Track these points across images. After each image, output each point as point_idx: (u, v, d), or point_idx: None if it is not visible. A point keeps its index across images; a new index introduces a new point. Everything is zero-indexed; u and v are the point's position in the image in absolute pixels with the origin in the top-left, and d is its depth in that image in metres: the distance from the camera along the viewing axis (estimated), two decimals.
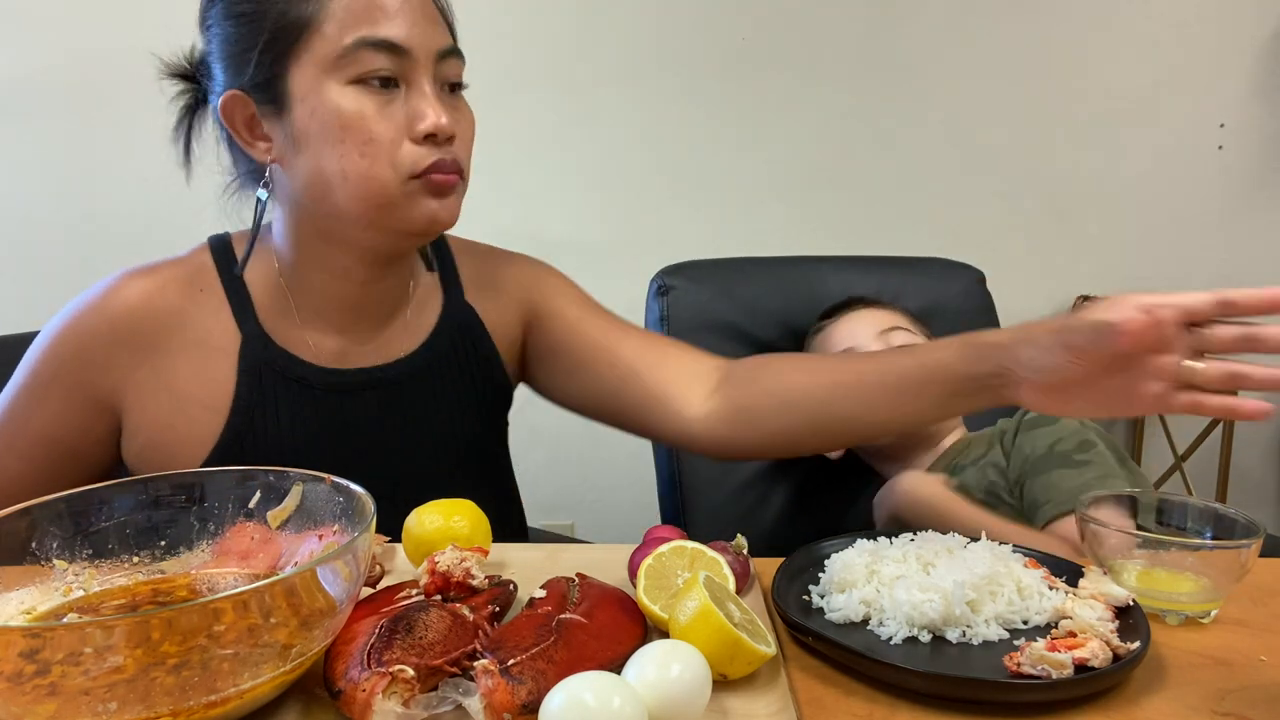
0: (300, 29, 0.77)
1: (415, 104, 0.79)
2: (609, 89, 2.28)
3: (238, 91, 0.80)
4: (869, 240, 2.14)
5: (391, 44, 0.77)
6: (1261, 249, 2.45)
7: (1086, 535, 0.74)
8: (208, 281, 0.89)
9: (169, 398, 0.86)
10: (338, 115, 0.77)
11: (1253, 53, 2.35)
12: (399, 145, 0.78)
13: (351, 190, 0.79)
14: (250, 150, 0.83)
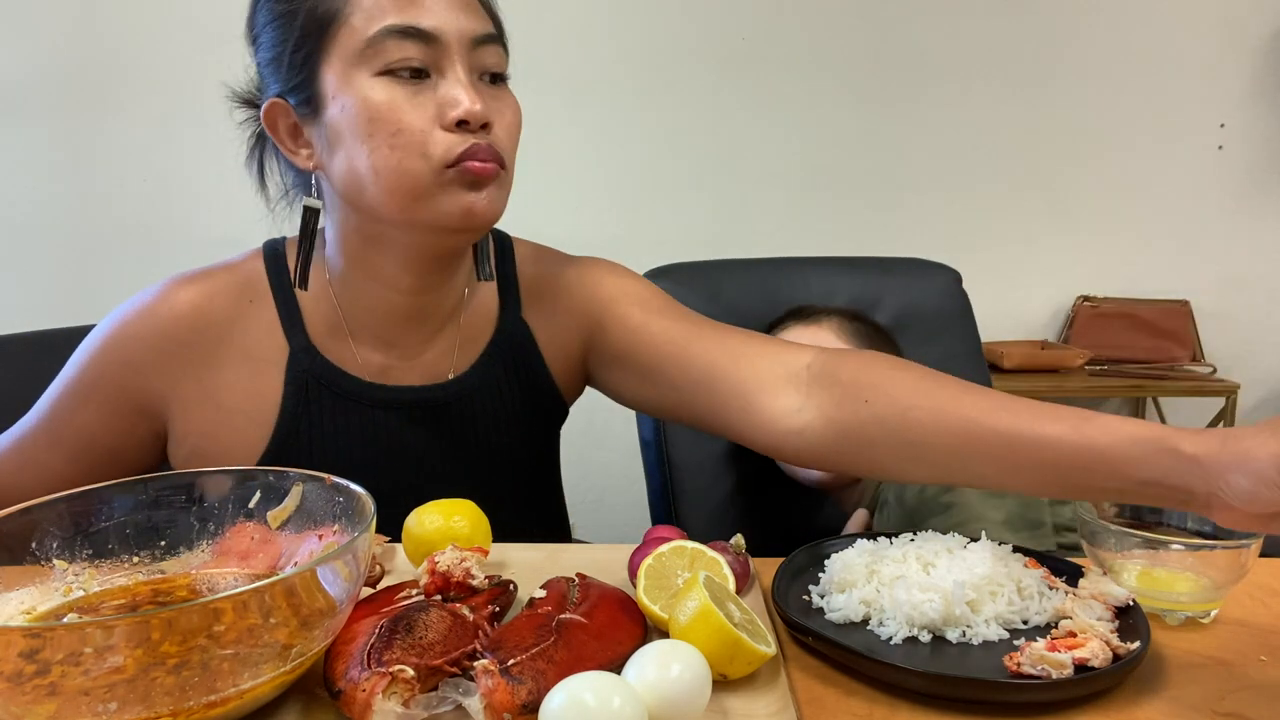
0: (328, 23, 0.75)
1: (447, 91, 0.75)
2: (599, 89, 2.29)
3: (277, 99, 0.79)
4: (866, 242, 2.14)
5: (420, 30, 0.74)
6: (1262, 249, 2.45)
7: (1087, 535, 0.74)
8: (258, 292, 0.87)
9: (214, 408, 0.86)
10: (366, 107, 0.74)
11: (1253, 53, 2.35)
12: (430, 134, 0.75)
13: (384, 185, 0.76)
14: (294, 159, 0.81)
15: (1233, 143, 2.40)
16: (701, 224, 2.30)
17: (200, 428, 0.86)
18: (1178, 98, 2.37)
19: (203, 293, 0.85)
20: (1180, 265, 2.45)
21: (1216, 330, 2.45)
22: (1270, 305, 2.47)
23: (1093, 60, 2.35)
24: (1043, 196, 2.41)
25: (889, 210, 2.37)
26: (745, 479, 1.34)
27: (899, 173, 2.35)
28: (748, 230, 2.33)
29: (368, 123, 0.74)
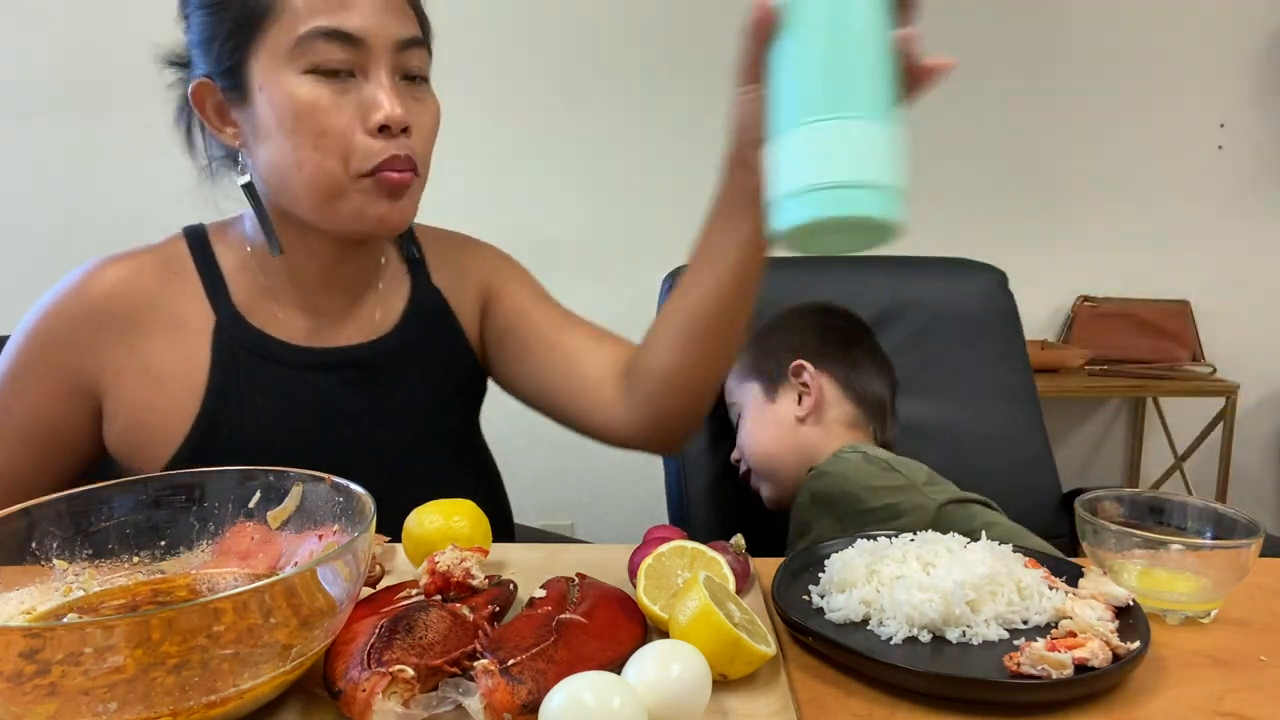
0: (261, 17, 0.77)
1: (370, 94, 0.78)
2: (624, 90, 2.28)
3: (206, 79, 0.82)
4: None
5: (345, 34, 0.76)
6: (1262, 249, 2.45)
7: (1087, 535, 0.74)
8: (182, 265, 0.91)
9: (147, 379, 0.88)
10: (292, 105, 0.77)
11: (1253, 53, 2.35)
12: (352, 137, 0.78)
13: (306, 181, 0.79)
14: (220, 136, 0.85)
15: (1233, 143, 2.40)
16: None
17: (133, 398, 0.88)
18: (1178, 98, 2.37)
19: (129, 268, 0.88)
20: (1180, 265, 2.45)
21: (1216, 330, 2.45)
22: (1270, 305, 2.47)
23: (1093, 60, 2.35)
24: (1042, 196, 2.41)
25: None
26: None
27: None
28: None
29: (293, 119, 0.77)
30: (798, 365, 1.15)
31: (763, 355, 1.20)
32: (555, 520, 2.29)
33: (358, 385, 0.92)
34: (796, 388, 1.16)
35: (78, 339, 0.87)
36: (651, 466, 1.65)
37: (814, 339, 1.19)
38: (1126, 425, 2.57)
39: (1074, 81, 2.35)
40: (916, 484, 1.00)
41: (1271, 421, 2.54)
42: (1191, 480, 2.48)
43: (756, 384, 1.19)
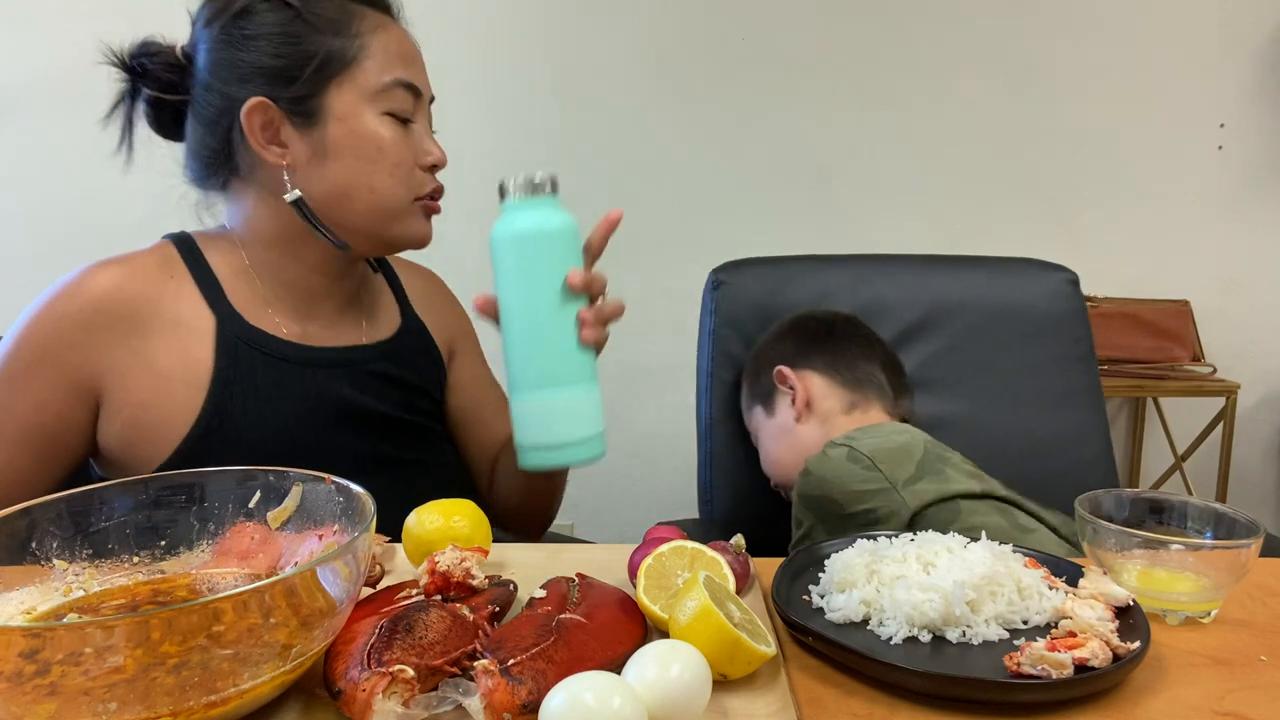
0: (345, 61, 0.89)
1: (423, 139, 0.94)
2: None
3: (267, 100, 0.88)
4: (861, 240, 2.14)
5: (415, 88, 0.93)
6: (1262, 249, 2.45)
7: (1087, 535, 0.74)
8: (176, 269, 0.94)
9: (150, 376, 0.90)
10: (376, 139, 0.90)
11: (1253, 53, 2.35)
12: (413, 170, 0.93)
13: (375, 201, 0.91)
14: (262, 153, 0.90)
15: (1233, 143, 2.40)
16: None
17: (137, 397, 0.90)
18: (1178, 98, 2.37)
19: (123, 271, 0.92)
20: (1180, 265, 2.45)
21: (1216, 330, 2.45)
22: (1270, 305, 2.47)
23: (1092, 60, 2.35)
24: (1042, 196, 2.41)
25: (884, 211, 2.37)
26: None
27: (896, 172, 2.36)
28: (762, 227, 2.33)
29: (375, 150, 0.90)
30: (779, 372, 1.21)
31: (755, 378, 1.27)
32: (555, 520, 2.30)
33: (351, 382, 0.99)
34: (786, 393, 1.20)
35: (79, 339, 0.88)
36: (651, 467, 1.66)
37: (790, 345, 1.24)
38: (1126, 425, 2.57)
39: (1074, 81, 2.35)
40: (896, 484, 1.01)
41: (1271, 421, 2.54)
42: (1191, 480, 2.48)
43: (759, 406, 1.25)
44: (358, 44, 0.90)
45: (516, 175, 0.78)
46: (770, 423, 1.23)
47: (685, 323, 1.51)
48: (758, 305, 1.39)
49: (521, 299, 0.78)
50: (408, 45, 0.94)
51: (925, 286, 1.40)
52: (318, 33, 0.89)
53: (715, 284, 1.41)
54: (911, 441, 1.07)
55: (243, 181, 0.94)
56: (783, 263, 1.45)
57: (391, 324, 1.07)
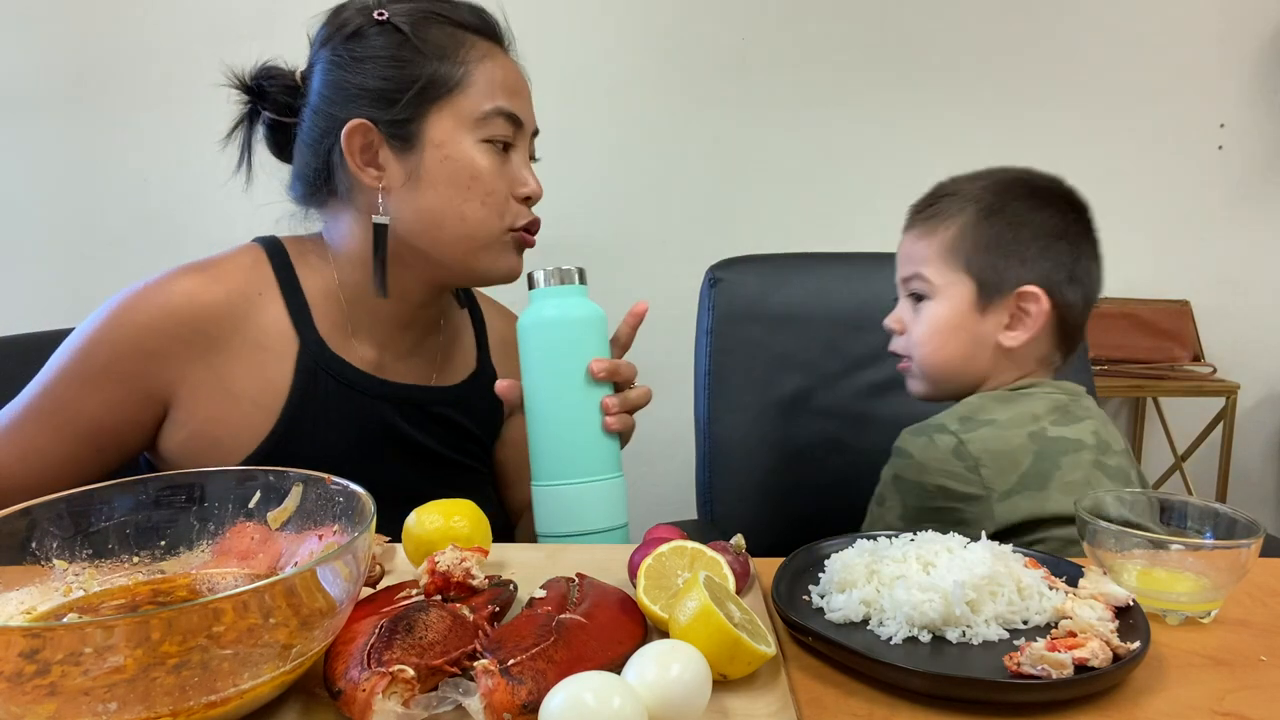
0: (449, 87, 0.89)
1: (520, 170, 0.93)
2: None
3: (368, 122, 0.89)
4: (856, 240, 2.14)
5: (516, 117, 0.92)
6: (1262, 249, 2.45)
7: (1087, 535, 0.74)
8: (265, 284, 0.93)
9: (223, 395, 0.90)
10: (471, 166, 0.90)
11: (1253, 53, 2.35)
12: (507, 200, 0.92)
13: (465, 230, 0.91)
14: (359, 175, 0.90)
15: (1233, 143, 2.39)
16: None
17: (208, 413, 0.90)
18: (1178, 98, 2.37)
19: (212, 282, 0.90)
20: (1180, 265, 2.45)
21: (1216, 330, 2.44)
22: (1270, 305, 2.47)
23: (1092, 60, 2.35)
24: None
25: (883, 210, 2.37)
26: (788, 458, 1.39)
27: (896, 172, 2.35)
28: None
29: (470, 178, 0.90)
30: (1030, 295, 0.99)
31: (991, 249, 1.00)
32: None
33: (415, 420, 0.99)
34: (1014, 311, 1.00)
35: (162, 350, 0.88)
36: (651, 467, 1.65)
37: (1056, 251, 1.00)
38: (1126, 425, 2.57)
39: (1074, 81, 2.35)
40: (992, 494, 0.94)
41: (1271, 421, 2.54)
42: (1191, 480, 2.48)
43: (970, 283, 1.01)
44: (462, 71, 0.89)
45: (546, 266, 0.80)
46: (971, 316, 1.00)
47: (683, 322, 1.52)
48: (755, 303, 1.40)
49: (545, 385, 0.79)
50: (513, 75, 0.94)
51: None
52: (424, 58, 0.89)
53: (713, 282, 1.41)
54: (1024, 445, 0.96)
55: (341, 201, 0.94)
56: (780, 260, 1.45)
57: (466, 368, 1.06)
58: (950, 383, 1.05)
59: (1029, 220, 1.00)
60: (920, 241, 1.04)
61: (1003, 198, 1.02)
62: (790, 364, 1.39)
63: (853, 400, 1.38)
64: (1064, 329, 1.02)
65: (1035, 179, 1.04)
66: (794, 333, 1.39)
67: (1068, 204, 1.03)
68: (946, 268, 1.02)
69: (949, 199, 1.04)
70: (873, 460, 1.35)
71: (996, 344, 1.01)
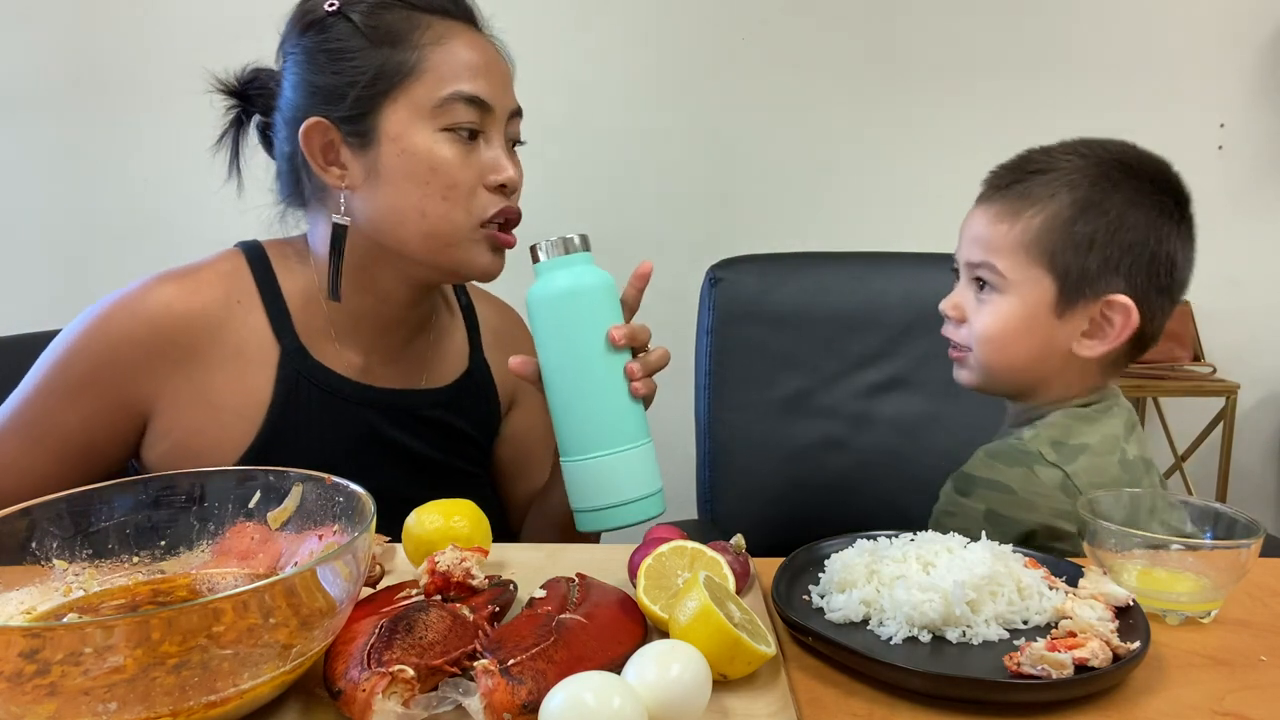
0: (401, 76, 0.84)
1: (492, 156, 0.87)
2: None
3: (324, 120, 0.85)
4: (863, 239, 2.14)
5: (481, 100, 0.85)
6: (1262, 249, 2.45)
7: (1087, 535, 0.74)
8: (245, 292, 0.90)
9: (203, 406, 0.88)
10: (428, 159, 0.84)
11: (1253, 53, 2.35)
12: (475, 191, 0.86)
13: (427, 227, 0.86)
14: (323, 175, 0.87)
15: (1233, 143, 2.39)
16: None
17: (188, 424, 0.88)
18: (1178, 98, 2.37)
19: (189, 290, 0.88)
20: None
21: (1216, 330, 2.44)
22: (1270, 305, 2.47)
23: (1092, 60, 2.34)
24: None
25: (881, 210, 2.36)
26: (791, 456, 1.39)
27: (895, 171, 2.35)
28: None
29: (428, 171, 0.84)
30: (1119, 305, 0.88)
31: (1083, 250, 0.89)
32: None
33: (404, 425, 0.96)
34: (1095, 317, 0.90)
35: (139, 362, 0.86)
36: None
37: (1152, 273, 0.89)
38: None
39: (1073, 81, 2.35)
40: None
41: (1271, 421, 2.54)
42: (1191, 480, 2.48)
43: (1053, 282, 0.89)
44: (416, 56, 0.84)
45: (549, 236, 0.78)
46: (1047, 318, 0.90)
47: (684, 322, 1.52)
48: (755, 303, 1.40)
49: (565, 359, 0.77)
50: (479, 55, 0.87)
51: (923, 285, 1.40)
52: (373, 47, 0.84)
53: (713, 281, 1.41)
54: (1118, 476, 0.90)
55: (316, 202, 0.91)
56: (780, 260, 1.45)
57: (457, 367, 1.02)
58: (1009, 383, 0.96)
59: (1130, 220, 0.88)
60: (998, 225, 0.91)
61: (1102, 186, 0.89)
62: (791, 363, 1.39)
63: (853, 400, 1.38)
64: (1143, 340, 0.92)
65: (1141, 162, 0.92)
66: (795, 332, 1.39)
67: (1174, 198, 0.92)
68: (1028, 261, 0.90)
69: (1039, 178, 0.91)
70: (873, 460, 1.36)
71: (1069, 350, 0.91)
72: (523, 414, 1.09)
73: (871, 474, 1.36)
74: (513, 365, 0.81)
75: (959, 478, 0.93)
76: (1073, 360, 0.91)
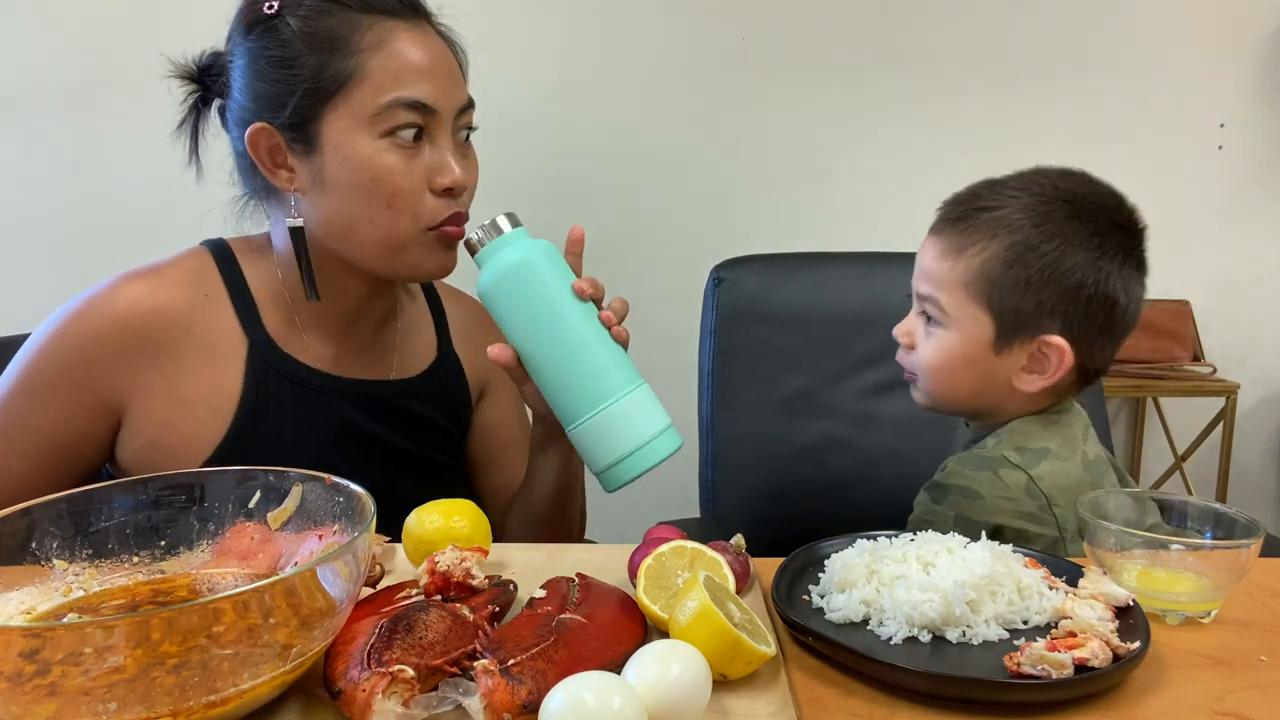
0: (339, 83, 0.82)
1: (438, 159, 0.85)
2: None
3: (268, 126, 0.84)
4: (861, 239, 2.14)
5: (422, 104, 0.83)
6: (1262, 249, 2.45)
7: (1087, 535, 0.74)
8: (211, 286, 0.91)
9: (175, 400, 0.88)
10: (369, 168, 0.83)
11: (1253, 53, 2.35)
12: (420, 197, 0.85)
13: (375, 235, 0.85)
14: (272, 178, 0.87)
15: (1233, 143, 2.39)
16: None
17: (161, 420, 0.88)
18: (1178, 98, 2.37)
19: (157, 287, 0.89)
20: (1180, 265, 2.44)
21: (1216, 330, 2.44)
22: (1270, 305, 2.47)
23: (1092, 59, 2.34)
24: None
25: (886, 209, 2.37)
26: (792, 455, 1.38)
27: (899, 171, 2.35)
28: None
29: (370, 181, 0.83)
30: (1052, 345, 0.90)
31: (1018, 290, 0.90)
32: None
33: (375, 416, 0.97)
34: (1033, 353, 0.91)
35: (106, 359, 0.86)
36: None
37: (1089, 314, 0.90)
38: (1126, 425, 2.56)
39: (1074, 81, 2.35)
40: (1065, 533, 0.89)
41: (1271, 421, 2.54)
42: (1191, 480, 2.48)
43: (989, 321, 0.91)
44: (354, 63, 0.82)
45: (478, 227, 0.79)
46: (985, 353, 0.92)
47: (686, 321, 1.52)
48: (758, 302, 1.40)
49: (537, 329, 0.77)
50: (419, 55, 0.84)
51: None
52: (311, 54, 0.82)
53: (717, 281, 1.41)
54: (1081, 476, 0.92)
55: (274, 199, 0.91)
56: (784, 260, 1.45)
57: (426, 358, 1.03)
58: (957, 409, 1.00)
59: (1067, 263, 0.89)
60: (943, 262, 0.94)
61: (1043, 229, 0.90)
62: (793, 363, 1.39)
63: (856, 399, 1.38)
64: (1086, 375, 0.94)
65: (1089, 199, 0.92)
66: (797, 332, 1.39)
67: (1119, 236, 0.91)
68: (967, 298, 0.92)
69: (985, 215, 0.92)
70: (875, 460, 1.36)
71: (1009, 382, 0.93)
72: (492, 405, 1.09)
73: (874, 474, 1.36)
74: (492, 354, 0.80)
75: (931, 487, 0.96)
76: (1016, 392, 0.94)
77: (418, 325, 1.04)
